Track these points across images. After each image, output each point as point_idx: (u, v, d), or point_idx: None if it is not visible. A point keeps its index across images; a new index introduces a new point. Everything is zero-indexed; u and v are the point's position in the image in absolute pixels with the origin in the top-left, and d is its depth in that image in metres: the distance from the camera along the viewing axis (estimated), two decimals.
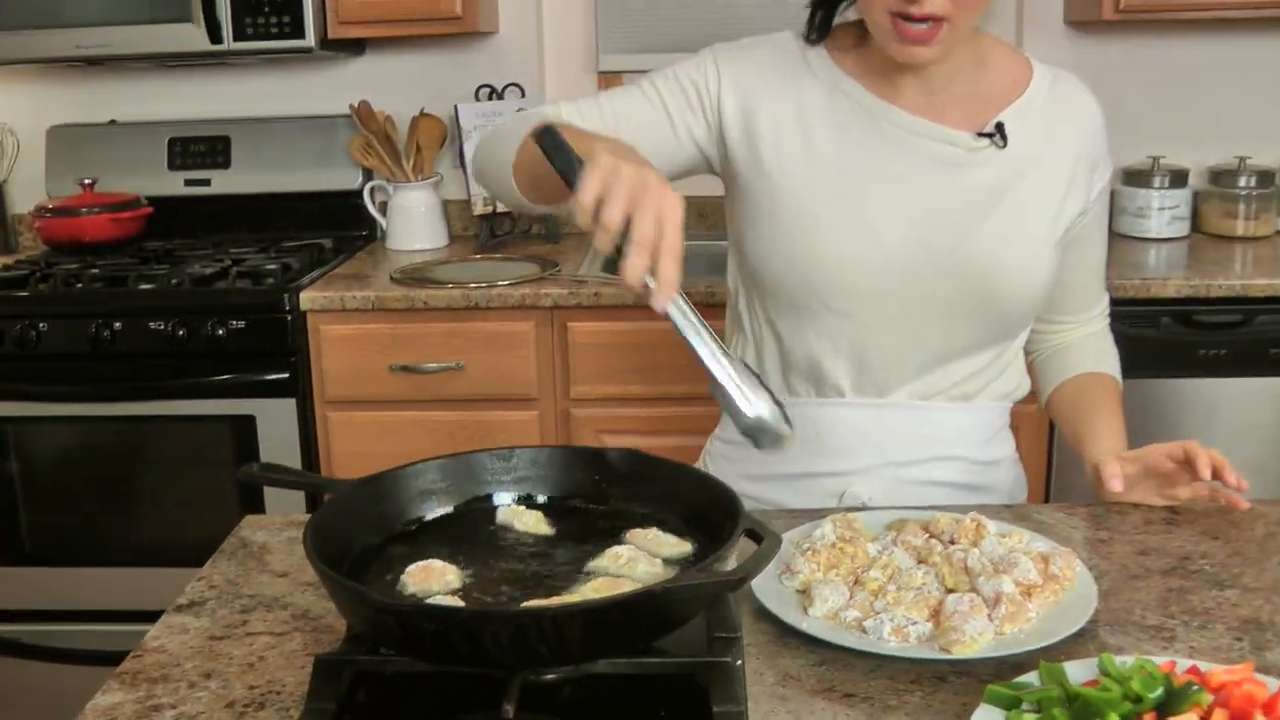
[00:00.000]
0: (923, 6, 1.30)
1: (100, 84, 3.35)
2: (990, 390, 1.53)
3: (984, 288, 1.44)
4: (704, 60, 1.49)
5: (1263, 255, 2.95)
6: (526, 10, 3.24)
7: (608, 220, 1.04)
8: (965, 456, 1.53)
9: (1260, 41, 3.21)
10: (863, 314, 1.45)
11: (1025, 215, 1.45)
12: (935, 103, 1.45)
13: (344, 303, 2.68)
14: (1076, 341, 1.63)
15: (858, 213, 1.42)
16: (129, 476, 2.79)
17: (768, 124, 1.46)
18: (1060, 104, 1.49)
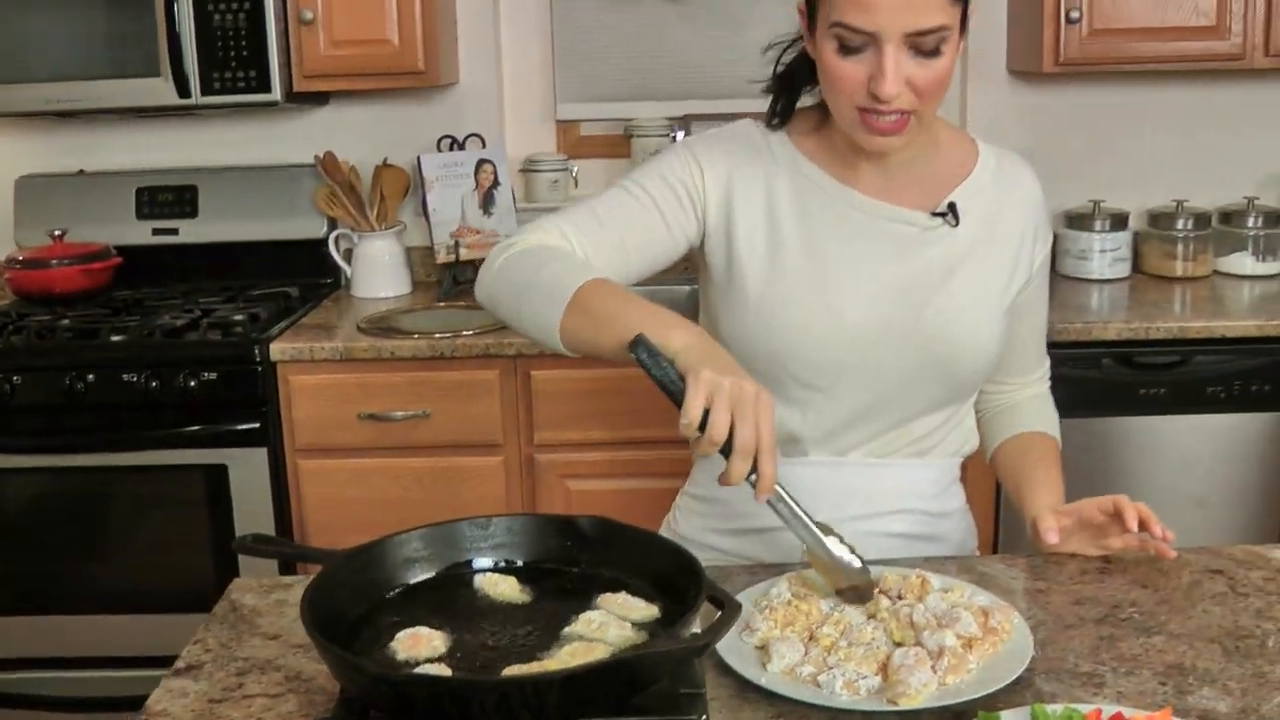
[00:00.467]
0: (891, 104, 1.38)
1: (69, 134, 3.41)
2: (943, 446, 1.63)
3: (940, 357, 1.53)
4: (685, 157, 1.56)
5: (1201, 295, 3.08)
6: (486, 62, 3.33)
7: (716, 435, 1.18)
8: (920, 509, 1.62)
9: (1193, 90, 3.35)
10: (827, 385, 1.53)
11: (977, 288, 1.55)
12: (892, 185, 1.54)
13: (313, 353, 2.75)
14: (1020, 402, 1.73)
15: (821, 292, 1.51)
16: (103, 526, 2.84)
17: (742, 213, 1.54)
18: (1005, 182, 1.59)
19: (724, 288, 1.56)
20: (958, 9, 1.38)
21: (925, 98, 1.40)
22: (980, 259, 1.55)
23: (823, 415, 1.55)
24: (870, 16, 1.35)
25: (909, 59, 1.37)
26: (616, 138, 3.36)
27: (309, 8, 2.93)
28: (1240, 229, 3.25)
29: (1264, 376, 2.80)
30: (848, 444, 1.58)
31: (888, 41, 1.35)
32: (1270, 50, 2.98)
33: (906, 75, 1.37)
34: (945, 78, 1.40)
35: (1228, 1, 2.95)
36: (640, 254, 1.52)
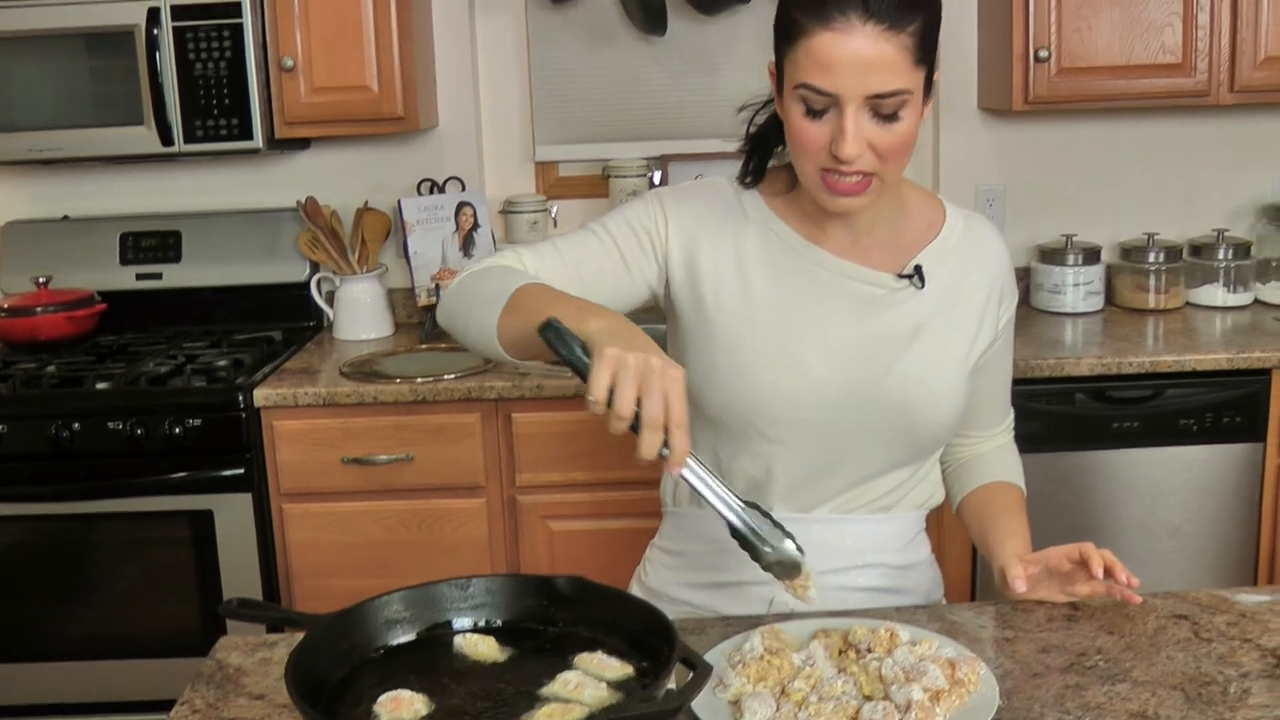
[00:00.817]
0: (852, 165, 1.42)
1: (53, 180, 3.44)
2: (907, 501, 1.66)
3: (903, 416, 1.56)
4: (652, 206, 1.60)
5: (1174, 327, 3.12)
6: (465, 105, 3.37)
7: (621, 409, 1.18)
8: (884, 563, 1.65)
9: (1162, 125, 3.41)
10: (792, 441, 1.56)
11: (942, 349, 1.58)
12: (860, 246, 1.58)
13: (296, 399, 2.78)
14: (985, 453, 1.76)
15: (788, 349, 1.54)
16: (90, 572, 2.86)
17: (708, 266, 1.57)
18: (972, 244, 1.62)
19: (691, 339, 1.59)
20: (920, 74, 1.41)
21: (887, 160, 1.43)
22: (945, 321, 1.58)
23: (786, 469, 1.58)
24: (832, 79, 1.38)
25: (869, 121, 1.40)
26: (595, 178, 3.41)
27: (290, 55, 2.97)
28: (1211, 261, 3.30)
29: (1235, 408, 2.85)
30: (812, 499, 1.61)
31: (849, 103, 1.39)
32: (1235, 87, 3.04)
33: (868, 137, 1.41)
34: (907, 141, 1.43)
35: (1192, 40, 3.01)
36: (596, 290, 1.55)
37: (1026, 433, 2.74)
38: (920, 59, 1.40)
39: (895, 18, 1.37)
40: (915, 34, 1.39)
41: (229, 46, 2.94)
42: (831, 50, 1.38)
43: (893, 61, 1.38)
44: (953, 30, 3.32)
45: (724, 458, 1.61)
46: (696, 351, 1.59)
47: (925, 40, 1.40)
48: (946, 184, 3.42)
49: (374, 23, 2.97)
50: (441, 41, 3.33)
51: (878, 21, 1.36)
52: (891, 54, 1.37)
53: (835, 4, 1.37)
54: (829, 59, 1.38)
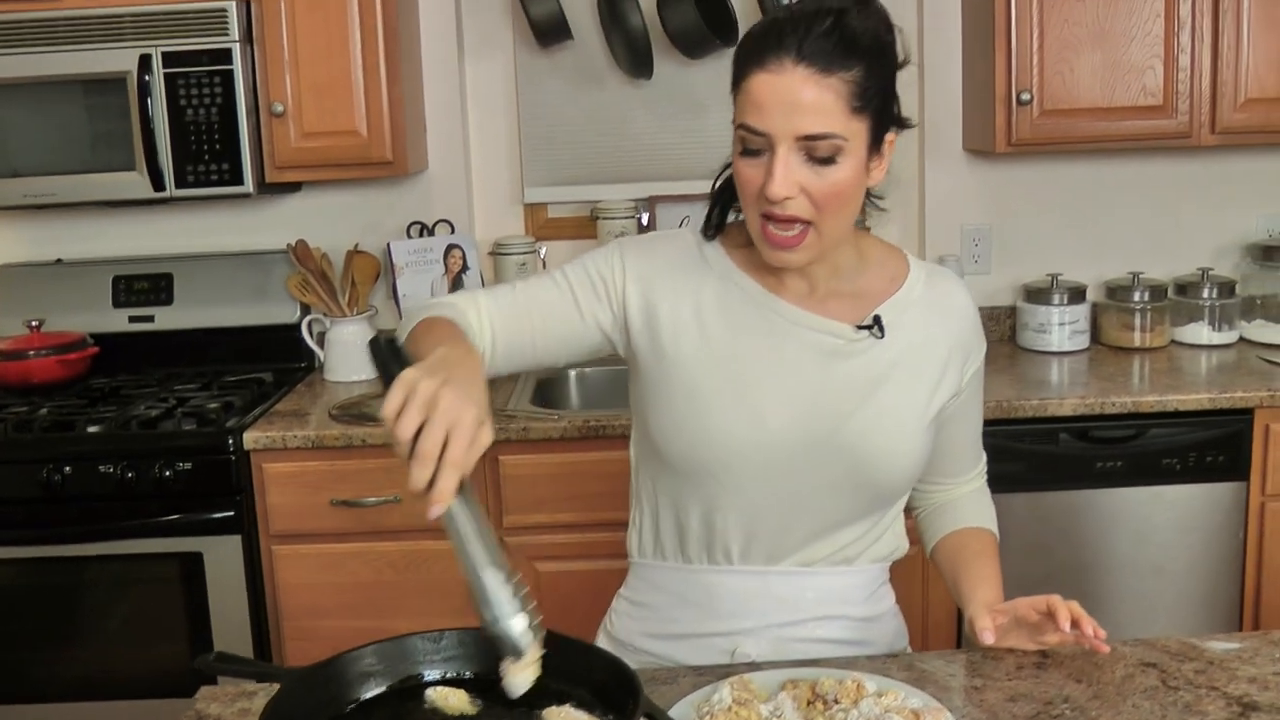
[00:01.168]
0: (785, 208, 1.44)
1: (47, 224, 3.48)
2: (870, 553, 1.67)
3: (860, 468, 1.57)
4: (611, 254, 1.63)
5: (1159, 366, 3.14)
6: (455, 148, 3.40)
7: (399, 432, 1.15)
8: (847, 615, 1.66)
9: (1147, 165, 3.45)
10: (750, 491, 1.58)
11: (900, 401, 1.59)
12: (818, 296, 1.59)
13: (285, 441, 2.80)
14: (957, 499, 1.78)
15: (746, 398, 1.56)
16: (80, 614, 2.87)
17: (668, 315, 1.60)
18: (935, 297, 1.64)
19: (651, 388, 1.61)
20: (858, 123, 1.43)
21: (822, 208, 1.45)
22: (905, 373, 1.59)
23: (745, 520, 1.60)
24: (763, 118, 1.42)
25: (802, 164, 1.42)
26: (583, 219, 3.44)
27: (280, 101, 3.01)
28: (1196, 300, 3.33)
29: (1218, 447, 2.86)
30: (773, 553, 1.62)
31: (780, 143, 1.41)
32: (1216, 128, 3.07)
33: (801, 182, 1.43)
34: (843, 191, 1.45)
35: (1173, 82, 3.04)
36: (547, 331, 1.59)
37: (1010, 472, 2.82)
38: (858, 107, 1.42)
39: (829, 61, 1.40)
40: (852, 82, 1.41)
41: (219, 93, 2.97)
42: (765, 90, 1.42)
43: (824, 104, 1.40)
44: (937, 72, 3.38)
45: (681, 508, 1.63)
46: (656, 400, 1.60)
47: (864, 90, 1.42)
48: (932, 224, 3.46)
49: (363, 68, 3.01)
50: (431, 86, 3.37)
51: (810, 64, 1.40)
52: (822, 97, 1.40)
53: (772, 48, 1.42)
54: (761, 99, 1.42)
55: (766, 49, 1.42)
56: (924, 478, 1.74)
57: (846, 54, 1.41)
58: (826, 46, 1.40)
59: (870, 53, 1.43)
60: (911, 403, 1.60)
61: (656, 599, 1.69)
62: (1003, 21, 3.03)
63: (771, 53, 1.41)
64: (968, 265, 3.45)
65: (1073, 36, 3.02)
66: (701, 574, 1.64)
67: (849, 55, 1.41)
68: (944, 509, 1.78)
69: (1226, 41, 3.03)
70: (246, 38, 3.00)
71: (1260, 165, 3.46)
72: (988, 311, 3.49)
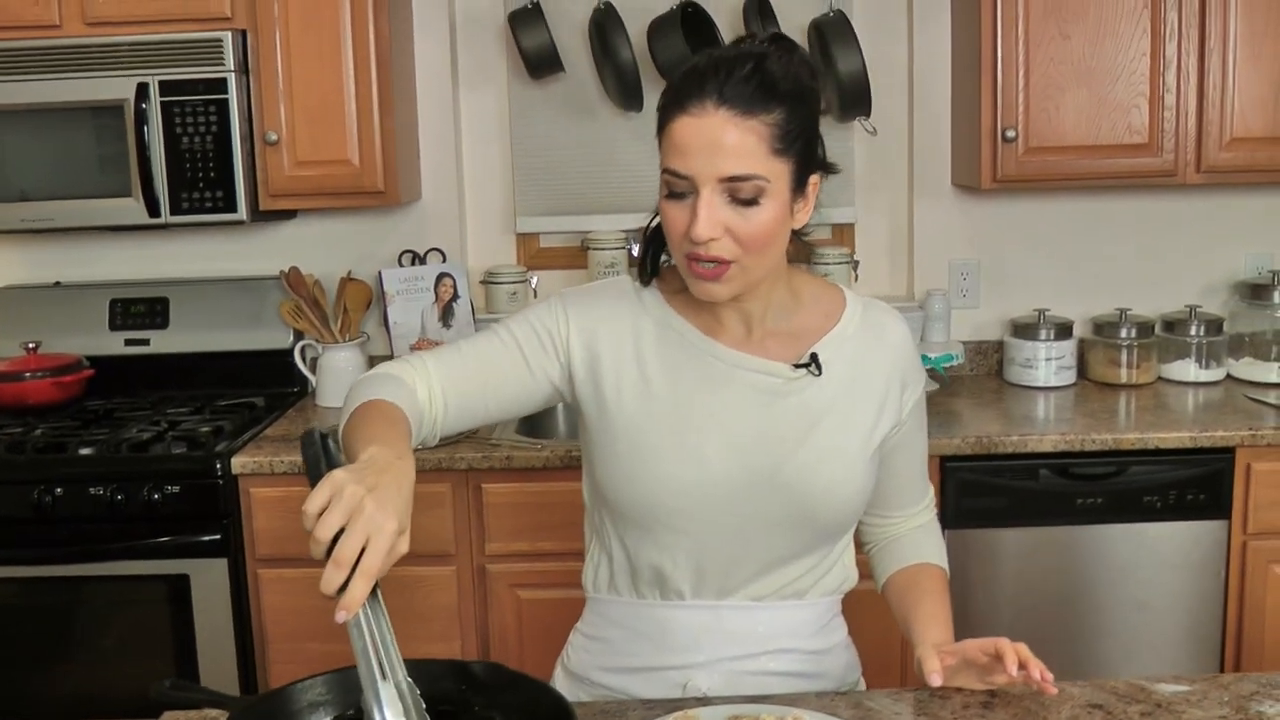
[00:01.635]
0: (709, 249, 1.46)
1: (46, 248, 3.53)
2: (820, 587, 1.69)
3: (803, 503, 1.60)
4: (554, 307, 1.66)
5: (1144, 403, 3.15)
6: (448, 179, 3.45)
7: (319, 532, 1.17)
8: (798, 648, 1.67)
9: (1135, 201, 3.47)
10: (696, 530, 1.60)
11: (840, 436, 1.61)
12: (754, 337, 1.62)
13: (272, 466, 2.84)
14: (905, 534, 1.79)
15: (688, 442, 1.58)
16: (67, 635, 2.90)
17: (609, 363, 1.62)
18: (871, 331, 1.66)
19: (595, 434, 1.64)
20: (780, 165, 1.46)
21: (747, 248, 1.47)
22: (844, 408, 1.62)
23: (692, 559, 1.62)
24: (686, 161, 1.44)
25: (726, 206, 1.45)
26: (575, 249, 3.47)
27: (274, 130, 3.05)
28: (1183, 337, 3.34)
29: (1199, 486, 2.87)
30: (723, 588, 1.64)
31: (703, 186, 1.44)
32: (1201, 167, 3.10)
33: (725, 223, 1.45)
34: (767, 231, 1.47)
35: (1159, 121, 3.06)
36: (499, 389, 1.62)
37: (991, 508, 2.83)
38: (780, 150, 1.45)
39: (749, 104, 1.43)
40: (773, 124, 1.44)
41: (214, 121, 3.02)
42: (687, 134, 1.44)
43: (745, 147, 1.43)
44: (927, 109, 3.41)
45: (631, 549, 1.65)
46: (600, 445, 1.63)
47: (785, 133, 1.45)
48: (920, 259, 3.48)
49: (355, 99, 3.05)
50: (425, 116, 3.41)
51: (730, 107, 1.43)
52: (743, 139, 1.43)
53: (694, 93, 1.45)
54: (684, 143, 1.45)
55: (689, 94, 1.45)
56: (871, 512, 1.77)
57: (767, 97, 1.44)
58: (747, 90, 1.43)
59: (791, 96, 1.46)
60: (852, 437, 1.62)
61: (611, 633, 1.71)
62: (988, 59, 3.06)
63: (693, 97, 1.44)
64: (956, 300, 3.47)
65: (1058, 74, 3.04)
66: (654, 609, 1.67)
67: (769, 98, 1.44)
68: (893, 544, 1.80)
69: (1212, 81, 3.05)
70: (242, 68, 3.05)
71: (1248, 203, 3.47)
72: (975, 346, 3.51)
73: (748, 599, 1.65)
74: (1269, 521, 2.88)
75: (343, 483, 1.19)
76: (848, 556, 1.73)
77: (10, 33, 3.05)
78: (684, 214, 1.47)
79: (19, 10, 3.05)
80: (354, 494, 1.19)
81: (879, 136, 3.43)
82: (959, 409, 3.13)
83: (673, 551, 1.62)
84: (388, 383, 1.55)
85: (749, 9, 3.19)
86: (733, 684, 1.64)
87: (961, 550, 2.88)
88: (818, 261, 3.40)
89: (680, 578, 1.63)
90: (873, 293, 3.51)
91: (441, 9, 3.40)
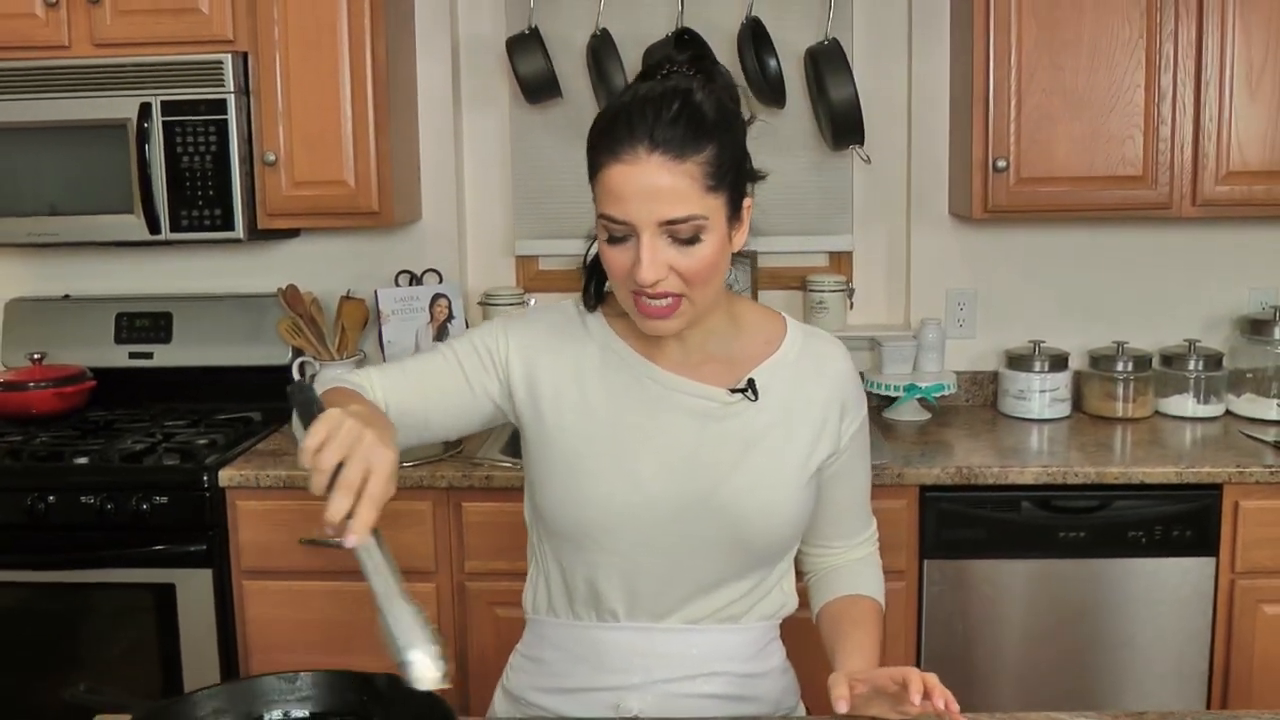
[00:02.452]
0: (656, 288, 1.49)
1: (56, 261, 3.61)
2: (756, 611, 1.69)
3: (736, 527, 1.61)
4: (496, 328, 1.69)
5: (1137, 437, 3.13)
6: (448, 201, 3.50)
7: (321, 462, 1.22)
8: (731, 671, 1.68)
9: (1134, 234, 3.45)
10: (630, 551, 1.62)
11: (774, 462, 1.63)
12: (692, 361, 1.64)
13: (258, 480, 2.88)
14: (843, 565, 1.80)
15: (623, 463, 1.60)
16: (54, 641, 2.96)
17: (549, 383, 1.65)
18: (811, 359, 1.68)
19: (534, 453, 1.67)
20: (715, 200, 1.48)
21: (692, 283, 1.50)
22: (780, 434, 1.63)
23: (626, 580, 1.64)
24: (624, 208, 1.46)
25: (668, 246, 1.47)
26: (574, 272, 3.49)
27: (272, 151, 3.11)
28: (1181, 371, 3.31)
29: (1185, 522, 2.84)
30: (657, 610, 1.65)
31: (644, 231, 1.45)
32: (1197, 200, 3.07)
33: (668, 261, 1.47)
34: (710, 265, 1.49)
35: (1153, 152, 3.04)
36: (440, 404, 1.65)
37: (971, 538, 2.82)
38: (714, 186, 1.47)
39: (681, 148, 1.44)
40: (705, 162, 1.46)
41: (214, 141, 3.08)
42: (622, 182, 1.45)
43: (681, 189, 1.45)
44: (925, 138, 3.41)
45: (567, 569, 1.67)
46: (538, 464, 1.66)
47: (718, 168, 1.47)
48: (917, 288, 3.48)
49: (351, 122, 3.10)
50: (427, 139, 3.46)
51: (664, 152, 1.44)
52: (679, 182, 1.44)
53: (624, 139, 1.45)
54: (620, 190, 1.46)
55: (618, 139, 1.46)
56: (811, 541, 1.78)
57: (697, 136, 1.46)
58: (678, 132, 1.45)
59: (719, 127, 1.48)
60: (786, 463, 1.64)
61: (548, 654, 1.73)
62: (981, 89, 3.06)
63: (624, 143, 1.45)
64: (953, 330, 3.47)
65: (1051, 105, 3.04)
66: (589, 630, 1.68)
67: (699, 137, 1.46)
68: (832, 574, 1.80)
69: (1208, 113, 3.03)
70: (242, 89, 3.11)
71: (1254, 238, 3.44)
72: (971, 376, 3.50)
73: (683, 622, 1.66)
74: (1257, 560, 2.84)
75: (340, 419, 1.25)
76: (786, 582, 1.74)
77: (22, 53, 3.13)
78: (626, 257, 1.49)
79: (30, 31, 3.13)
80: (352, 427, 1.24)
81: (878, 165, 3.44)
82: (949, 439, 3.12)
83: (607, 572, 1.64)
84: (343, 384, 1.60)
85: (743, 36, 3.21)
86: (665, 705, 1.65)
87: (941, 581, 2.88)
88: (813, 289, 3.41)
89: (615, 599, 1.65)
90: (870, 321, 3.52)
91: (444, 33, 3.45)
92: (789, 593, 1.75)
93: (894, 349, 3.32)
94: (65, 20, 3.13)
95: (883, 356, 3.34)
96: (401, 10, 3.32)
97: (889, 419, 3.32)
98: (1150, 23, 3.01)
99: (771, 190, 3.33)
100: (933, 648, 2.90)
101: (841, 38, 3.29)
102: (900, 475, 2.82)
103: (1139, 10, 3.01)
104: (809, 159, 3.47)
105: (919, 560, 2.87)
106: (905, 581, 2.86)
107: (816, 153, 3.46)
